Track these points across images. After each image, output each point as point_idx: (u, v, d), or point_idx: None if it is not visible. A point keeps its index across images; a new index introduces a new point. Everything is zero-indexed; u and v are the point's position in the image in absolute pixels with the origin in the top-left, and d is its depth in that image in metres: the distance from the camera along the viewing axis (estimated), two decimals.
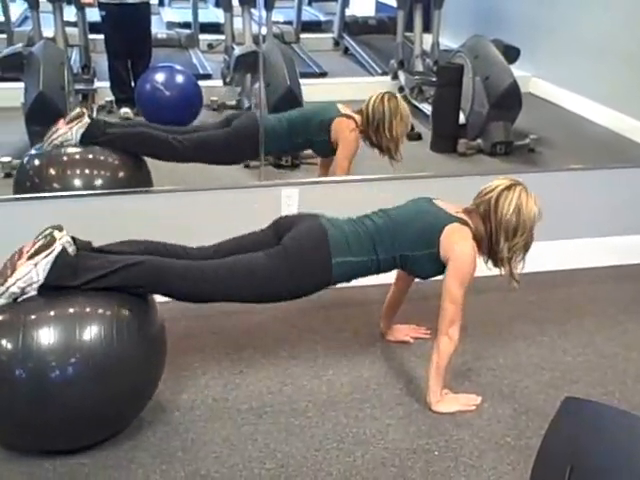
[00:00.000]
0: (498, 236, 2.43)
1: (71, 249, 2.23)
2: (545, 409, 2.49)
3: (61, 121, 3.18)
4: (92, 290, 2.20)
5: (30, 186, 3.09)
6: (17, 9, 5.48)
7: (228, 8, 5.10)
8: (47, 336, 2.08)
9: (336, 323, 3.04)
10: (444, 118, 4.38)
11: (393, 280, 2.83)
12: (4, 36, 4.98)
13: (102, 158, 3.15)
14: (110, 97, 4.63)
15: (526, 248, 2.49)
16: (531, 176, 3.59)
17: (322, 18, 6.69)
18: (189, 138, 3.28)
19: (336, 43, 6.33)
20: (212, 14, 6.26)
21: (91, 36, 4.90)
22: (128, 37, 4.68)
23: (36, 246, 2.17)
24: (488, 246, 2.47)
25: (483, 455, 2.32)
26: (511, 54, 4.57)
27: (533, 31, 5.07)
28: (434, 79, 4.84)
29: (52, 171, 3.09)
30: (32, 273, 2.14)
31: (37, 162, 3.14)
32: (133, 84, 4.57)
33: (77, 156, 3.13)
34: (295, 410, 2.50)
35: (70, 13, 4.87)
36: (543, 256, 3.46)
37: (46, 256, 2.15)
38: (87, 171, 3.12)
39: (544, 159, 4.19)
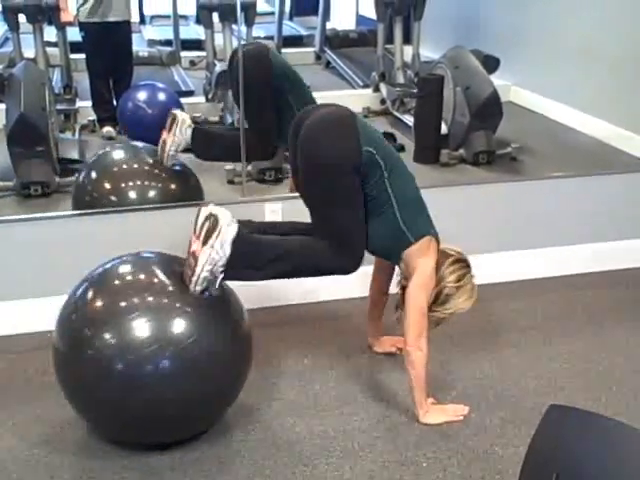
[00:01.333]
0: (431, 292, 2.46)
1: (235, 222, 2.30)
2: (532, 417, 2.48)
3: (163, 132, 3.28)
4: (266, 276, 2.40)
5: (89, 200, 3.21)
6: None
7: (209, 25, 5.11)
8: (143, 331, 2.18)
9: (323, 336, 3.04)
10: (426, 129, 4.40)
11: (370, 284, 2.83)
12: None
13: (156, 172, 3.28)
14: (92, 116, 4.63)
15: (438, 323, 2.52)
16: (514, 185, 3.66)
17: (303, 32, 6.71)
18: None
19: (318, 57, 6.35)
20: (193, 31, 6.27)
21: (72, 56, 4.90)
22: (109, 56, 4.68)
23: (204, 230, 2.25)
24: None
25: (471, 465, 2.32)
26: (491, 64, 4.60)
27: (512, 40, 5.11)
28: (415, 90, 4.87)
29: (108, 185, 3.23)
30: (213, 254, 2.23)
31: (94, 177, 3.26)
32: (115, 103, 4.57)
33: (130, 170, 3.30)
34: (282, 425, 2.50)
35: (51, 33, 4.88)
36: (526, 264, 3.50)
37: (217, 235, 2.24)
38: (139, 183, 3.25)
39: (526, 167, 4.21)
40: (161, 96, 4.50)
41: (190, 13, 6.36)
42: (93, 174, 3.28)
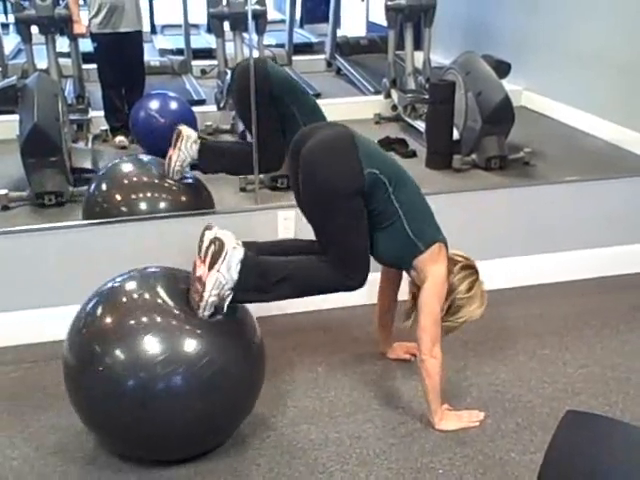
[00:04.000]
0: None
1: (240, 245, 2.30)
2: (548, 423, 2.48)
3: (170, 149, 3.30)
4: (274, 297, 2.41)
5: (99, 211, 3.22)
6: (10, 42, 5.52)
7: (220, 33, 5.13)
8: (155, 348, 2.16)
9: (336, 343, 3.03)
10: (438, 135, 4.40)
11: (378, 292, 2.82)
12: None
13: (166, 184, 3.27)
14: (105, 126, 4.65)
15: (448, 331, 2.51)
16: (527, 189, 3.64)
17: (314, 40, 6.73)
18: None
19: (328, 64, 6.36)
20: (204, 40, 6.29)
21: (84, 66, 4.93)
22: (121, 66, 4.71)
23: (210, 254, 2.24)
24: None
25: (488, 472, 2.31)
26: (502, 69, 4.59)
27: (523, 45, 5.11)
28: (427, 96, 4.87)
29: (118, 196, 3.24)
30: (220, 278, 2.22)
31: (104, 188, 3.28)
32: (128, 112, 4.59)
33: (140, 181, 3.31)
34: (297, 432, 2.49)
35: (63, 44, 4.91)
36: (541, 269, 3.48)
37: (223, 259, 2.23)
38: (149, 195, 3.25)
39: (539, 172, 4.20)
40: (173, 105, 4.51)
41: (201, 22, 6.38)
42: (103, 186, 3.29)
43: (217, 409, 2.25)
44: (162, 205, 3.23)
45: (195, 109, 4.57)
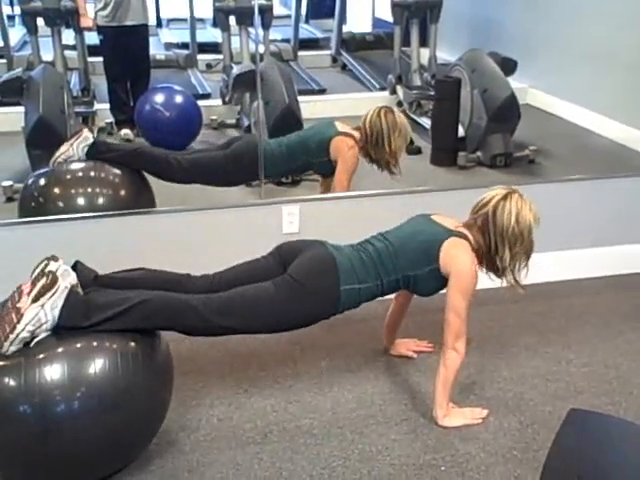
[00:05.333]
0: (499, 247, 2.44)
1: (74, 284, 2.19)
2: (551, 421, 2.48)
3: (65, 143, 3.23)
4: (103, 331, 2.15)
5: (35, 207, 3.10)
6: (16, 34, 5.52)
7: (225, 28, 5.13)
8: (51, 371, 2.04)
9: (339, 339, 3.03)
10: (443, 132, 4.39)
11: (394, 295, 2.82)
12: (4, 61, 5.01)
13: (105, 177, 3.17)
14: (110, 119, 4.65)
15: (527, 255, 2.49)
16: (532, 187, 3.60)
17: (319, 35, 6.72)
18: (188, 158, 3.30)
19: (334, 60, 6.36)
20: (210, 34, 6.29)
21: (90, 59, 4.93)
22: (127, 59, 4.71)
23: (38, 286, 2.11)
24: (488, 258, 2.47)
25: (490, 469, 2.31)
26: (508, 66, 4.58)
27: (530, 42, 5.09)
28: (432, 93, 4.86)
29: (56, 191, 3.11)
30: (40, 314, 2.08)
31: (41, 182, 3.15)
32: (133, 105, 4.59)
33: (81, 175, 3.16)
34: (300, 428, 2.49)
35: (69, 37, 4.91)
36: (545, 267, 3.47)
37: (51, 296, 2.10)
38: (90, 190, 3.13)
39: (544, 170, 4.20)
40: (178, 99, 4.51)
41: (207, 16, 6.37)
42: (41, 181, 3.15)
43: (121, 428, 2.15)
44: (100, 201, 3.10)
45: (200, 103, 4.57)
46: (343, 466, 2.32)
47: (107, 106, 4.69)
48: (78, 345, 2.11)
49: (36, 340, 2.10)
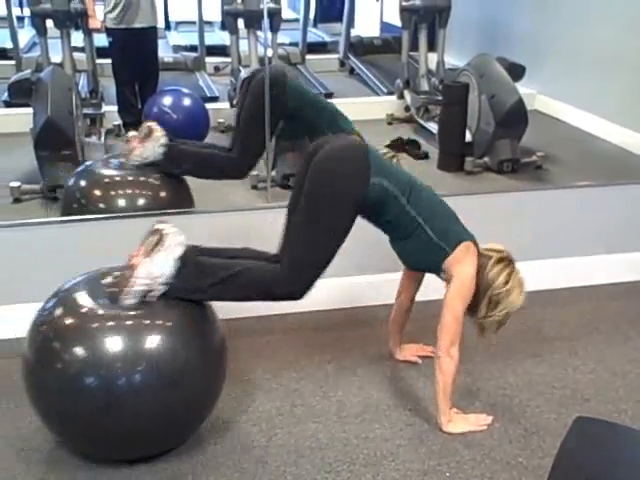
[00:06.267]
0: (481, 296, 2.44)
1: (184, 243, 2.28)
2: (557, 428, 2.47)
3: (135, 139, 3.27)
4: (211, 297, 2.33)
5: (77, 208, 3.17)
6: (25, 35, 5.54)
7: (234, 31, 5.15)
8: (115, 344, 2.13)
9: (345, 343, 3.03)
10: (451, 137, 4.40)
11: (395, 294, 2.81)
12: (13, 62, 5.04)
13: (144, 179, 3.23)
14: (118, 121, 4.67)
15: (499, 325, 2.50)
16: (539, 193, 3.63)
17: (327, 39, 6.75)
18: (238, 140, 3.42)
19: (342, 64, 6.37)
20: (218, 37, 6.31)
21: (99, 61, 4.95)
22: (135, 61, 4.73)
23: (147, 243, 2.23)
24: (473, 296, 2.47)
25: (495, 476, 2.30)
26: (516, 72, 4.58)
27: (538, 48, 5.10)
28: (440, 98, 4.86)
29: (97, 192, 3.18)
30: (152, 268, 2.21)
31: (83, 184, 3.21)
32: (141, 108, 4.60)
33: (120, 178, 3.24)
34: (305, 432, 2.49)
35: (78, 38, 4.93)
36: (552, 273, 3.47)
37: (160, 251, 2.22)
38: (130, 192, 3.21)
39: (551, 176, 4.19)
40: (186, 102, 4.53)
41: (215, 19, 6.41)
42: (82, 182, 3.23)
43: (178, 406, 2.21)
44: (141, 202, 3.17)
45: (208, 106, 4.59)
46: (348, 471, 2.32)
47: (115, 108, 4.72)
48: (140, 321, 2.20)
49: (156, 295, 2.22)
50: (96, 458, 2.31)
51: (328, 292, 3.20)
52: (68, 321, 2.20)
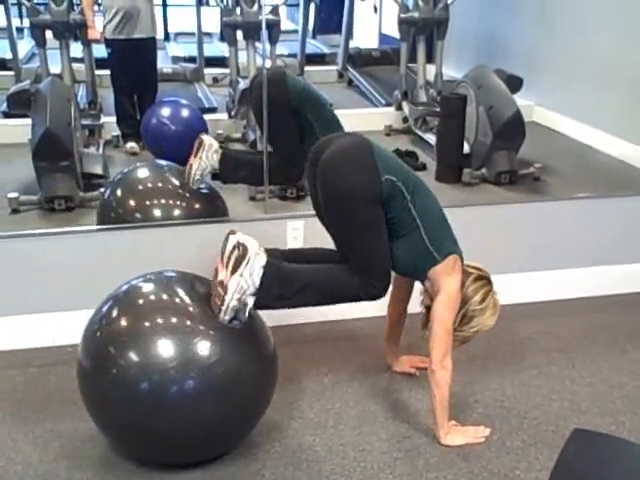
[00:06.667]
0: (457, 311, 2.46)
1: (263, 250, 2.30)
2: (554, 440, 2.47)
3: (191, 157, 3.32)
4: (295, 304, 2.38)
5: (114, 217, 3.21)
6: (25, 46, 5.56)
7: (233, 42, 5.15)
8: (167, 349, 2.17)
9: (342, 355, 3.03)
10: (448, 148, 4.40)
11: (388, 303, 2.80)
12: (12, 73, 5.05)
13: (180, 192, 3.26)
14: (117, 132, 4.67)
15: (463, 342, 2.51)
16: (536, 205, 3.63)
17: (326, 50, 6.75)
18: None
19: (340, 75, 6.37)
20: (217, 48, 6.32)
21: (98, 72, 4.95)
22: (134, 72, 4.73)
23: (233, 259, 2.24)
24: None
25: None
26: (514, 83, 4.58)
27: (536, 60, 5.11)
28: (438, 109, 4.87)
29: (133, 202, 3.22)
30: (242, 283, 2.22)
31: (119, 194, 3.26)
32: (139, 118, 4.60)
33: (155, 188, 3.28)
34: (302, 444, 2.49)
35: (77, 49, 4.94)
36: (550, 285, 3.47)
37: (247, 264, 2.23)
38: (163, 201, 3.23)
39: (549, 188, 4.19)
40: (184, 113, 4.53)
41: (214, 30, 6.42)
42: (119, 191, 3.28)
43: (229, 414, 2.26)
44: (177, 213, 3.22)
45: (206, 117, 4.58)
46: None
47: (114, 119, 4.71)
48: (193, 328, 2.22)
49: (248, 308, 2.27)
50: (149, 463, 2.34)
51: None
52: (126, 324, 2.25)
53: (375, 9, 6.76)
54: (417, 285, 2.63)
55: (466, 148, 4.41)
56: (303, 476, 2.34)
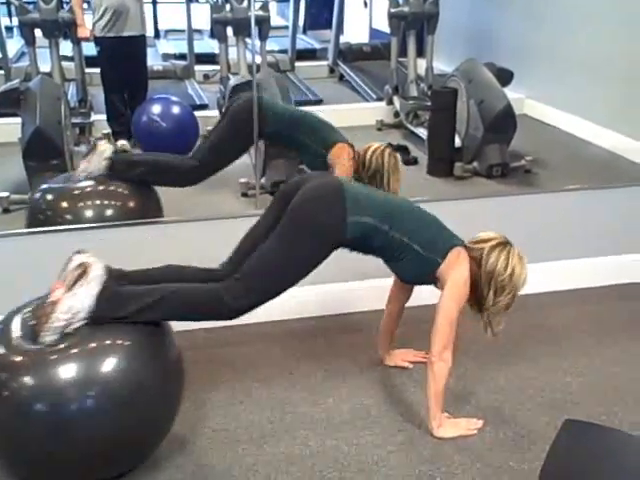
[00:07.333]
0: (485, 287, 2.44)
1: (105, 275, 2.23)
2: (547, 432, 2.47)
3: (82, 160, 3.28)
4: (137, 322, 2.22)
5: (44, 219, 3.13)
6: (14, 45, 5.53)
7: (223, 39, 5.14)
8: (65, 369, 2.08)
9: (335, 349, 3.03)
10: (440, 142, 4.40)
11: (385, 300, 2.81)
12: (1, 72, 5.02)
13: (113, 189, 3.21)
14: (107, 130, 4.65)
15: (507, 308, 2.49)
16: (528, 197, 3.64)
17: (317, 46, 6.74)
18: (202, 148, 3.50)
19: (331, 70, 6.37)
20: (207, 45, 6.31)
21: (88, 70, 4.94)
22: (124, 70, 4.72)
23: (69, 277, 2.17)
24: (475, 291, 2.47)
25: None
26: (505, 77, 4.60)
27: (526, 53, 5.11)
28: (429, 103, 4.87)
29: (64, 204, 3.15)
30: (74, 303, 2.14)
31: (49, 196, 3.20)
32: (130, 116, 4.59)
33: (88, 189, 3.20)
34: (295, 439, 2.49)
35: (67, 48, 4.92)
36: (541, 277, 3.47)
37: (83, 285, 2.16)
38: (98, 202, 3.18)
39: (540, 180, 4.20)
40: (175, 110, 4.52)
41: (204, 27, 6.40)
42: (48, 194, 3.22)
43: (134, 427, 2.17)
44: (109, 212, 3.16)
45: (197, 114, 4.57)
46: (339, 477, 2.31)
47: (104, 117, 4.70)
48: (91, 343, 2.13)
49: (71, 328, 2.14)
50: None
51: (317, 299, 3.21)
52: (18, 347, 2.13)
53: (365, 4, 6.76)
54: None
55: (457, 142, 4.41)
56: (297, 471, 2.34)
